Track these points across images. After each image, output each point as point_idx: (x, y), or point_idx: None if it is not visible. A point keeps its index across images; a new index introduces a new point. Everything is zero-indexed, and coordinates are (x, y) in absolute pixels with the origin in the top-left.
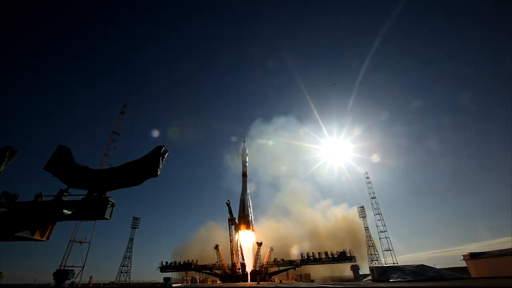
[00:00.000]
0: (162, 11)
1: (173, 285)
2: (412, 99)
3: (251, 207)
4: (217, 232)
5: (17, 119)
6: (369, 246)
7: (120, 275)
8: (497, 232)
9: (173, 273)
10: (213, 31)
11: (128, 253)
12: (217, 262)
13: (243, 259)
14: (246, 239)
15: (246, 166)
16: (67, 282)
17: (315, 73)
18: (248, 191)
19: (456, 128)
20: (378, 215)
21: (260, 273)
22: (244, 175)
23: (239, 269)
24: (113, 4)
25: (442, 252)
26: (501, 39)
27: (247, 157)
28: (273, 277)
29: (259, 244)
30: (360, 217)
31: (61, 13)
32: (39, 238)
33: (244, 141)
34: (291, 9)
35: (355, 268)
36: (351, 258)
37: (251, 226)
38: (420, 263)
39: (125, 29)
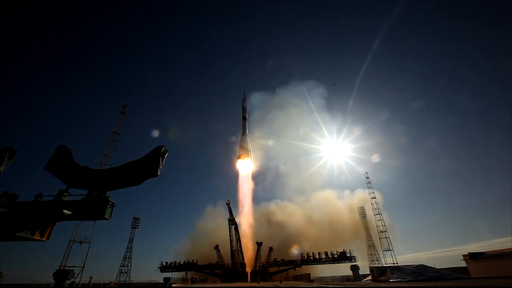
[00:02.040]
0: (162, 11)
1: (173, 285)
2: (412, 99)
3: (249, 142)
4: (217, 223)
5: (17, 119)
6: (369, 246)
7: (120, 275)
8: (497, 232)
9: (173, 273)
10: (213, 31)
11: (128, 253)
12: (217, 262)
13: (243, 259)
14: (245, 166)
15: (245, 111)
16: (67, 282)
17: (315, 73)
18: (247, 132)
19: (456, 128)
20: (378, 215)
21: (260, 273)
22: (244, 118)
23: (239, 269)
24: (113, 3)
25: (442, 252)
26: (501, 39)
27: (246, 104)
28: (273, 277)
29: (259, 244)
30: (360, 217)
31: (61, 13)
32: (39, 238)
33: (244, 93)
34: (292, 9)
35: (355, 268)
36: (351, 258)
37: (249, 156)
38: (420, 263)
39: (125, 29)
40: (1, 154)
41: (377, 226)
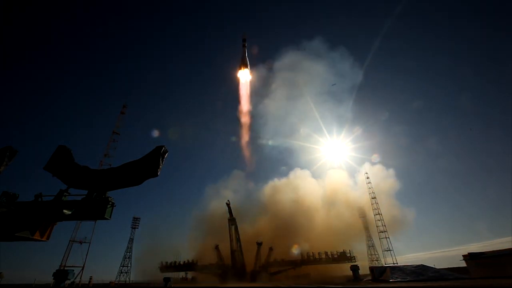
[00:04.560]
0: (162, 11)
1: (173, 285)
2: (412, 99)
3: (247, 57)
4: (217, 221)
5: (17, 119)
6: (369, 246)
7: (120, 275)
8: (497, 232)
9: (173, 273)
10: (213, 31)
11: (128, 253)
12: (217, 262)
13: (243, 259)
14: (243, 75)
15: (245, 42)
16: (67, 282)
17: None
18: (246, 54)
19: (456, 128)
20: (378, 215)
21: (260, 273)
22: (244, 46)
23: (239, 269)
24: (113, 3)
25: (442, 252)
26: (501, 39)
27: (245, 36)
28: (274, 277)
29: (259, 244)
30: (360, 217)
31: (60, 13)
32: (39, 238)
33: (245, 32)
34: (292, 9)
35: (355, 268)
36: (351, 258)
37: (248, 68)
38: (420, 263)
39: (125, 29)
40: (1, 154)
41: (377, 226)
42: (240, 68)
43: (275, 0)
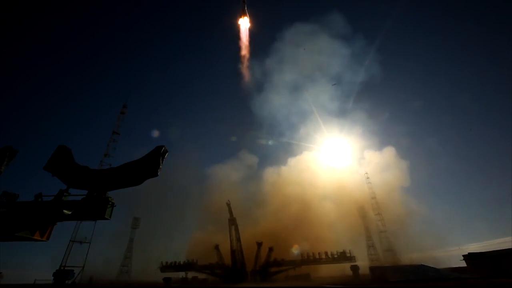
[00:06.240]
0: (163, 11)
1: (173, 285)
2: (412, 99)
3: (247, 10)
4: (217, 223)
5: (17, 119)
6: (369, 246)
7: (120, 275)
8: (497, 232)
9: (173, 273)
10: (213, 30)
11: (128, 253)
12: (217, 261)
13: (243, 259)
14: (243, 23)
15: (245, 3)
16: (67, 282)
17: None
18: (246, 7)
19: (456, 128)
20: (378, 215)
21: (260, 273)
22: (244, 2)
23: (239, 268)
24: (114, 3)
25: (442, 252)
26: (501, 39)
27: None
28: (274, 277)
29: (259, 244)
30: (360, 217)
31: (61, 13)
32: (39, 238)
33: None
34: (291, 9)
35: (355, 268)
36: (351, 258)
37: (247, 17)
38: (420, 263)
39: (126, 29)
40: (1, 154)
41: (377, 226)
42: (240, 17)
43: (276, 1)
